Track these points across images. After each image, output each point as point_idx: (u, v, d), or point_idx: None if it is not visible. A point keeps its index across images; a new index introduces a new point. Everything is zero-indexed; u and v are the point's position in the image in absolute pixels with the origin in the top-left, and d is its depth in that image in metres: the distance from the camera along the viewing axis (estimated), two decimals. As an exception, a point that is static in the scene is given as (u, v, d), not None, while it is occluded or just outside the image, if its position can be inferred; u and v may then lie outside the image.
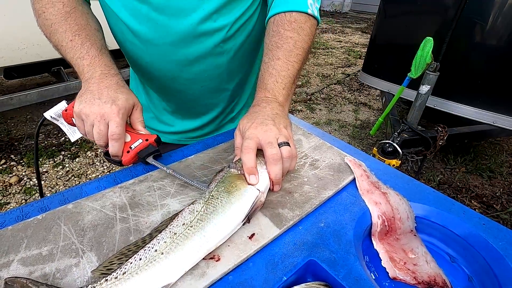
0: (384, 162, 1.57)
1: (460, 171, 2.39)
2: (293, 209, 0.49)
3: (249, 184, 0.48)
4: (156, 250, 0.37)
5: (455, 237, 0.50)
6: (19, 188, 1.97)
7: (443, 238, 0.51)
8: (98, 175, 2.17)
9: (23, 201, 1.89)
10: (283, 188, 0.53)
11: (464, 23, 1.72)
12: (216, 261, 0.40)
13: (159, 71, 0.70)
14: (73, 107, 0.55)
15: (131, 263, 0.36)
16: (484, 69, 1.81)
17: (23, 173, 2.10)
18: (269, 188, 0.51)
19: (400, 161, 1.59)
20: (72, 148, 2.41)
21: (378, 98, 3.75)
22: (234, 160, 0.52)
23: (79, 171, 2.18)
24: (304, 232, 0.46)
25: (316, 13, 0.63)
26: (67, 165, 2.23)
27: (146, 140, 0.57)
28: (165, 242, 0.38)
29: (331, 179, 0.56)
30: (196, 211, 0.42)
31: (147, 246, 0.38)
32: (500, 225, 0.49)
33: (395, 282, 0.45)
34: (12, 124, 2.67)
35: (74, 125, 0.59)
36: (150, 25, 0.62)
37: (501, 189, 2.22)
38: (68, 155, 2.33)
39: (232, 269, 0.40)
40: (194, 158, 0.61)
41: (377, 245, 0.50)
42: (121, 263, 0.36)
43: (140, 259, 0.36)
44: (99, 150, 2.40)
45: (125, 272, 0.35)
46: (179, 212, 0.43)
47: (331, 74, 4.54)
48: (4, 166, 2.15)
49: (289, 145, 0.50)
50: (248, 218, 0.45)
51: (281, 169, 0.50)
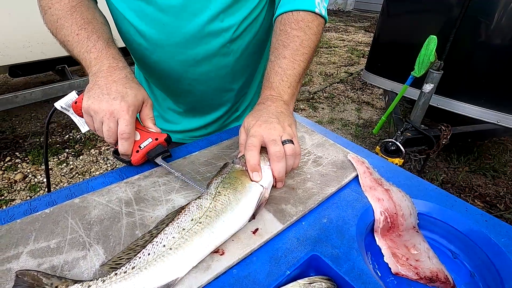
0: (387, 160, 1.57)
1: (463, 171, 2.38)
2: (296, 205, 0.50)
3: (252, 181, 0.48)
4: (164, 246, 0.37)
5: (457, 234, 0.50)
6: (24, 185, 2.00)
7: (446, 234, 0.52)
8: (102, 173, 2.19)
9: (28, 198, 1.91)
10: (286, 185, 0.54)
11: (469, 22, 1.71)
12: (221, 255, 0.40)
13: (165, 71, 0.70)
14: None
15: (139, 258, 0.36)
16: (488, 68, 1.80)
17: (28, 170, 2.12)
18: (272, 185, 0.52)
19: (403, 160, 1.59)
20: (76, 146, 2.43)
21: (381, 97, 3.73)
22: (238, 156, 0.53)
23: (82, 168, 2.20)
24: (307, 227, 0.47)
25: (324, 12, 0.63)
26: (71, 162, 2.24)
27: (156, 139, 0.55)
28: (173, 237, 0.38)
29: (334, 175, 0.57)
30: (204, 207, 0.42)
31: (155, 241, 0.38)
32: (502, 222, 0.49)
33: (397, 278, 0.45)
34: (17, 122, 2.69)
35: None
36: (156, 26, 0.62)
37: (505, 189, 2.21)
38: (72, 153, 2.35)
39: (236, 263, 0.40)
40: (198, 154, 0.61)
41: (379, 241, 0.50)
42: (129, 258, 0.36)
43: (149, 254, 0.36)
44: (103, 148, 2.42)
45: (134, 266, 0.35)
46: (186, 206, 0.43)
47: (334, 73, 4.53)
48: (9, 163, 2.17)
49: (292, 143, 0.51)
50: (254, 215, 0.45)
51: (284, 167, 0.50)
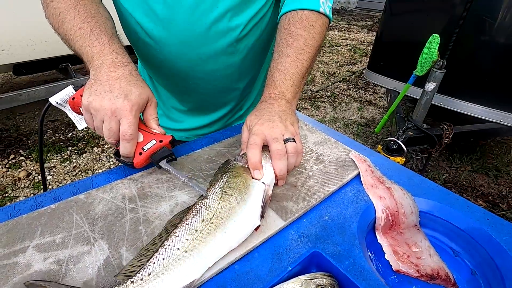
0: (389, 159, 1.57)
1: (465, 170, 2.37)
2: (298, 202, 0.50)
3: (254, 179, 0.49)
4: (178, 249, 0.37)
5: (459, 232, 0.50)
6: (27, 182, 2.01)
7: (447, 232, 0.52)
8: (105, 171, 2.20)
9: (32, 195, 1.92)
10: (288, 182, 0.54)
11: (472, 20, 1.71)
12: (223, 250, 0.41)
13: (171, 69, 0.70)
14: (81, 96, 0.51)
15: (154, 264, 0.35)
16: (492, 67, 1.79)
17: (32, 168, 2.14)
18: (274, 183, 0.52)
19: (404, 159, 1.59)
20: (79, 144, 2.44)
21: (383, 96, 3.72)
22: (241, 154, 0.53)
23: (85, 166, 2.21)
24: (308, 224, 0.47)
25: (328, 11, 0.63)
26: (74, 160, 2.26)
27: (161, 141, 0.52)
28: (186, 239, 0.38)
29: (336, 173, 0.57)
30: (213, 208, 0.42)
31: (167, 244, 0.37)
32: (504, 220, 0.49)
33: (399, 275, 0.46)
34: (21, 120, 2.71)
35: (81, 113, 0.54)
36: (164, 24, 0.62)
37: (508, 188, 2.20)
38: (75, 151, 2.36)
39: (239, 259, 0.41)
40: (201, 152, 0.62)
41: (381, 238, 0.50)
42: (142, 265, 0.36)
43: (163, 259, 0.36)
44: (105, 146, 2.43)
45: (150, 272, 0.35)
46: (192, 207, 0.43)
47: (336, 72, 4.52)
48: (13, 161, 2.19)
49: (294, 141, 0.51)
50: (262, 213, 0.45)
51: (286, 165, 0.50)
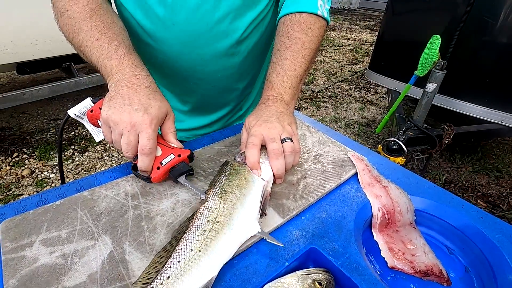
0: (389, 159, 1.58)
1: (466, 171, 2.37)
2: (296, 200, 0.51)
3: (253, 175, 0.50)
4: (192, 250, 0.38)
5: (453, 230, 0.51)
6: (31, 180, 2.03)
7: (442, 230, 0.53)
8: (108, 168, 2.22)
9: (35, 193, 1.94)
10: (287, 180, 0.56)
11: (473, 21, 1.71)
12: (223, 246, 0.42)
13: (172, 70, 0.71)
14: (99, 108, 0.51)
15: (171, 268, 0.36)
16: (493, 67, 1.80)
17: (35, 166, 2.16)
18: (273, 181, 0.53)
19: (405, 159, 1.60)
20: (82, 143, 2.46)
21: (384, 96, 3.73)
22: (240, 153, 0.55)
23: (88, 164, 2.23)
24: (306, 222, 0.49)
25: (326, 14, 0.64)
26: (76, 158, 2.28)
27: (179, 155, 0.52)
28: (198, 240, 0.39)
29: (334, 172, 0.58)
30: (215, 208, 0.43)
31: (180, 248, 0.38)
32: (498, 219, 0.50)
33: (393, 271, 0.47)
34: (24, 119, 2.74)
35: (99, 126, 0.55)
36: (165, 26, 0.62)
37: (508, 189, 2.21)
38: (78, 149, 2.38)
39: (237, 254, 0.42)
40: (202, 150, 0.63)
41: (377, 236, 0.51)
42: (158, 271, 0.36)
43: (179, 262, 0.37)
44: (108, 145, 2.45)
45: (169, 276, 0.35)
46: (196, 212, 0.43)
47: (338, 71, 4.52)
48: (17, 159, 2.21)
49: (292, 141, 0.52)
50: (263, 211, 0.47)
51: (283, 164, 0.52)
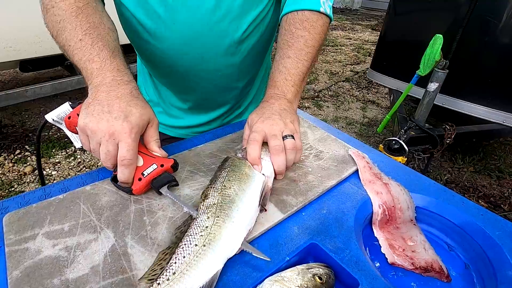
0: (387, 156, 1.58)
1: (468, 171, 2.37)
2: (297, 196, 0.52)
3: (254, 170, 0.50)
4: (196, 245, 0.38)
5: (454, 227, 0.51)
6: (33, 177, 2.05)
7: (442, 227, 0.53)
8: (108, 167, 2.23)
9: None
10: (288, 177, 0.56)
11: (475, 21, 1.70)
12: (224, 240, 0.42)
13: (172, 68, 0.71)
14: (77, 115, 0.47)
15: (176, 263, 0.36)
16: (495, 68, 1.79)
17: (37, 163, 2.17)
18: (274, 176, 0.53)
19: (406, 159, 1.60)
20: (84, 140, 2.47)
21: (386, 96, 3.72)
22: (241, 149, 0.55)
23: (90, 162, 2.24)
24: (307, 218, 0.49)
25: (329, 11, 0.64)
26: (78, 156, 2.29)
27: (162, 165, 0.49)
28: (201, 235, 0.39)
29: (335, 169, 0.59)
30: (214, 204, 0.43)
31: (184, 244, 0.38)
32: (498, 216, 0.50)
33: (394, 268, 0.47)
34: (27, 116, 2.75)
35: (77, 133, 0.50)
36: (166, 24, 0.62)
37: (510, 189, 2.20)
38: (80, 147, 2.39)
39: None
40: (203, 147, 0.63)
41: (377, 233, 0.52)
42: (163, 267, 0.36)
43: (184, 257, 0.37)
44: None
45: (175, 271, 0.35)
46: (197, 210, 0.44)
47: (340, 71, 4.52)
48: (19, 156, 2.22)
49: (293, 138, 0.53)
50: (263, 206, 0.47)
51: (284, 160, 0.52)
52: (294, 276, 0.38)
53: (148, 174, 0.48)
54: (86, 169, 2.17)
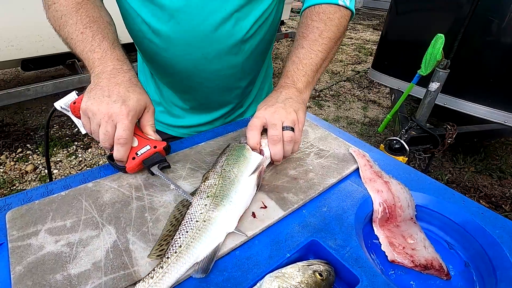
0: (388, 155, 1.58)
1: (469, 171, 2.37)
2: (298, 194, 0.52)
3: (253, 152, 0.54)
4: (197, 221, 0.42)
5: (454, 225, 0.51)
6: (34, 176, 2.05)
7: (442, 226, 0.53)
8: (110, 166, 2.24)
9: (39, 188, 1.96)
10: (288, 175, 0.56)
11: (477, 20, 1.70)
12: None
13: (176, 68, 0.71)
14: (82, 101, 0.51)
15: (180, 238, 0.39)
16: (497, 67, 1.79)
17: (38, 162, 2.18)
18: (272, 163, 0.57)
19: (406, 158, 1.60)
20: (85, 139, 2.48)
21: (387, 96, 3.72)
22: (245, 137, 0.57)
23: (91, 161, 2.25)
24: (307, 215, 0.49)
25: (349, 3, 0.64)
26: (80, 155, 2.30)
27: (155, 147, 0.53)
28: (201, 213, 0.43)
29: (335, 167, 0.59)
30: (215, 185, 0.47)
31: (185, 221, 0.42)
32: (498, 214, 0.50)
33: (394, 265, 0.47)
34: (28, 115, 2.76)
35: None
36: (171, 24, 0.63)
37: (511, 190, 2.20)
38: (81, 146, 2.40)
39: (239, 245, 0.43)
40: (205, 145, 0.64)
41: (377, 230, 0.52)
42: (169, 243, 0.40)
43: (187, 232, 0.40)
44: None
45: (181, 245, 0.39)
46: (197, 188, 0.47)
47: (341, 71, 4.51)
48: (21, 154, 2.23)
49: (292, 130, 0.54)
50: (257, 185, 0.50)
51: (281, 150, 0.53)
52: (294, 272, 0.38)
53: (141, 154, 0.51)
54: (88, 168, 2.18)
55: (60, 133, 2.52)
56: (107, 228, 0.43)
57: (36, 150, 2.29)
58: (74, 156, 2.27)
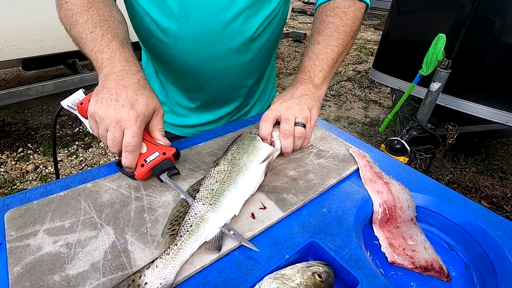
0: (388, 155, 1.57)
1: (470, 171, 2.36)
2: (298, 194, 0.52)
3: (264, 142, 0.57)
4: (203, 204, 0.45)
5: (454, 226, 0.51)
6: (35, 175, 2.06)
7: (443, 227, 0.53)
8: (111, 161, 2.24)
9: (39, 187, 1.97)
10: (288, 175, 0.56)
11: (479, 20, 1.69)
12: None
13: (183, 67, 0.71)
14: (89, 101, 0.50)
15: (190, 219, 0.43)
16: (499, 68, 1.78)
17: (39, 161, 2.18)
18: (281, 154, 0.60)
19: (407, 158, 1.59)
20: (86, 139, 2.48)
21: (388, 95, 3.71)
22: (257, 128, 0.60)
23: (92, 161, 2.25)
24: (307, 216, 0.49)
25: None
26: (80, 154, 2.30)
27: (164, 153, 0.51)
28: (206, 197, 0.46)
29: (335, 168, 0.58)
30: (224, 171, 0.50)
31: (193, 204, 0.45)
32: (499, 216, 0.50)
33: (394, 267, 0.47)
34: (29, 114, 2.76)
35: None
36: (180, 22, 0.62)
37: (512, 190, 2.19)
38: (82, 145, 2.40)
39: (238, 246, 0.42)
40: (204, 145, 0.63)
41: (377, 232, 0.51)
42: (180, 223, 0.43)
43: (196, 214, 0.43)
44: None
45: (191, 225, 0.42)
46: (207, 173, 0.50)
47: (342, 71, 4.50)
48: (21, 154, 2.23)
49: (304, 127, 0.56)
50: (265, 173, 0.52)
51: (291, 144, 0.56)
52: (293, 273, 0.38)
53: (150, 161, 0.50)
54: (88, 168, 2.18)
55: (61, 132, 2.52)
56: (105, 229, 0.43)
57: (37, 150, 2.29)
58: (75, 156, 2.28)
